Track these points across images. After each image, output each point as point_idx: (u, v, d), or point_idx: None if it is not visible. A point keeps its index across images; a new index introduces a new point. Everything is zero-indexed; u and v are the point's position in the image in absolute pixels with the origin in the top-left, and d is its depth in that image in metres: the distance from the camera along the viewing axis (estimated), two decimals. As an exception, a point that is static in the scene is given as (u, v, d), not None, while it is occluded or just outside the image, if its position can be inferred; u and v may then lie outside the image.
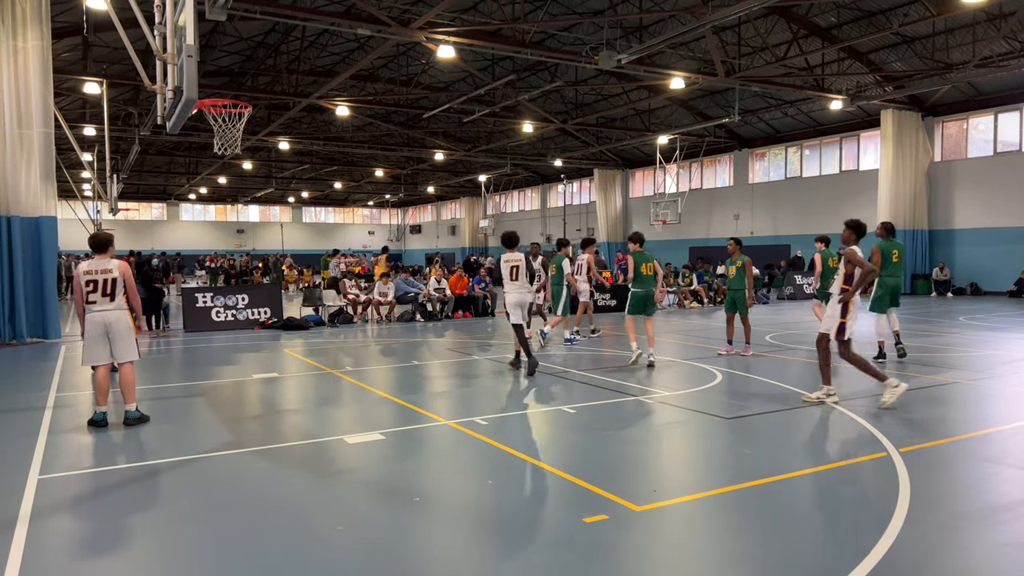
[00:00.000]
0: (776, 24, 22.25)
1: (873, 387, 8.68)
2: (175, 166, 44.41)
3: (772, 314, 19.01)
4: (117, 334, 6.94)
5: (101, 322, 6.89)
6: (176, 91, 6.75)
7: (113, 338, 6.93)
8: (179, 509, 4.80)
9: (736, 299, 11.47)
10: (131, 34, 9.04)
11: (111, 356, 6.97)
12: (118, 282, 6.95)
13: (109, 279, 6.91)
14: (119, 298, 6.96)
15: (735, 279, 11.41)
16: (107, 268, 6.92)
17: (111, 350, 6.95)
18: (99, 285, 6.88)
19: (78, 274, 6.86)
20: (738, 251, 11.55)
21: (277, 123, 29.45)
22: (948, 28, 21.44)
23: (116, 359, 7.00)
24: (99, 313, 6.90)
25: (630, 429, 6.85)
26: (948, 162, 26.12)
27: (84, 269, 6.87)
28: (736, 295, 11.44)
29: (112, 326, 6.91)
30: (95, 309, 6.89)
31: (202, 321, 15.84)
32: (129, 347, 7.05)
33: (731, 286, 11.44)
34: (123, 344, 6.99)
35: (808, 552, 4.00)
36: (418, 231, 64.68)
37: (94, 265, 6.91)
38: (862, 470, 5.45)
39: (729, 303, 11.58)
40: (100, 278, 6.89)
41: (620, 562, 3.89)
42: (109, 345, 6.93)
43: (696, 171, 36.36)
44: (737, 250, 11.55)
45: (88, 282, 6.86)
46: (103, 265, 6.93)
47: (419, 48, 24.78)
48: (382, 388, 9.03)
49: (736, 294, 11.43)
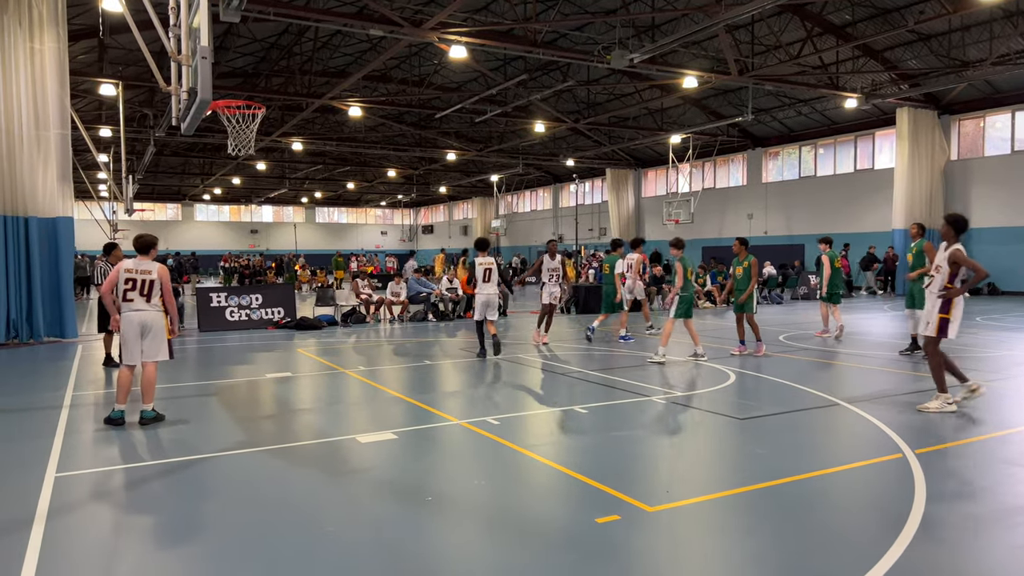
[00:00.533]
0: (790, 22, 22.11)
1: (889, 388, 8.61)
2: (190, 167, 44.76)
3: (785, 314, 18.89)
4: (151, 334, 7.06)
5: (137, 322, 7.01)
6: (191, 92, 6.80)
7: (146, 337, 7.04)
8: (193, 507, 4.84)
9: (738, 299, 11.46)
10: (146, 36, 9.13)
11: (141, 355, 7.09)
12: (156, 284, 7.10)
13: (148, 280, 7.07)
14: (155, 299, 7.12)
15: (742, 280, 11.36)
16: (147, 269, 7.09)
17: (142, 349, 7.05)
18: (138, 284, 7.03)
19: (118, 270, 7.01)
20: (744, 251, 11.51)
21: (290, 124, 29.61)
22: (964, 25, 21.22)
23: (145, 358, 7.08)
24: (135, 313, 7.02)
25: (642, 429, 6.83)
26: (965, 161, 25.85)
27: (126, 267, 7.04)
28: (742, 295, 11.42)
29: (147, 325, 7.04)
30: (131, 308, 7.01)
31: (216, 321, 15.94)
32: (160, 347, 7.18)
33: (738, 287, 11.40)
34: (155, 344, 7.12)
35: (822, 554, 3.97)
36: (430, 231, 64.82)
37: (135, 264, 7.07)
38: (877, 471, 5.41)
39: (736, 304, 11.53)
40: (139, 278, 7.04)
41: (632, 563, 3.88)
42: (141, 344, 7.04)
43: (709, 170, 36.20)
44: (743, 250, 11.50)
45: (128, 280, 7.00)
46: (144, 266, 7.09)
47: (431, 48, 24.83)
48: (394, 388, 9.06)
49: (742, 295, 11.40)
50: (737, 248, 11.58)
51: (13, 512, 4.68)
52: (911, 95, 24.40)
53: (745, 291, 11.30)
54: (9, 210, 13.54)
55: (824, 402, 7.73)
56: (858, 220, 28.91)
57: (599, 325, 13.42)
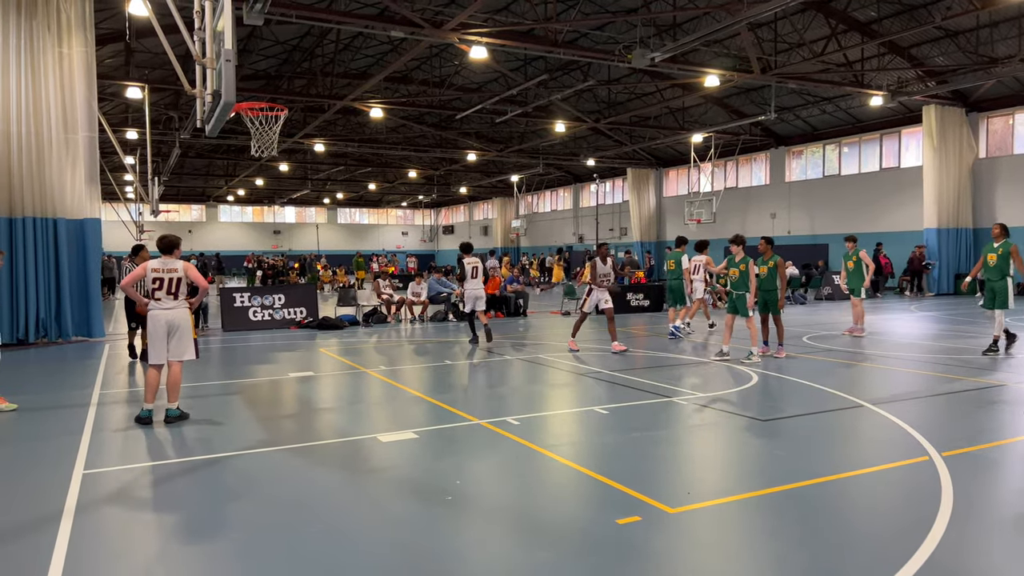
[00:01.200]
0: (814, 19, 21.85)
1: (915, 390, 8.48)
2: (214, 168, 45.29)
3: (809, 315, 18.68)
4: (178, 333, 7.16)
5: (164, 321, 7.11)
6: (215, 95, 6.89)
7: (173, 336, 7.14)
8: (216, 505, 4.89)
9: (768, 300, 11.20)
10: (172, 39, 9.26)
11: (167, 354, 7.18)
12: (183, 281, 7.24)
13: (175, 278, 7.20)
14: (182, 297, 7.25)
15: (767, 279, 11.16)
16: (173, 267, 7.22)
17: (168, 348, 7.14)
18: (165, 283, 7.15)
19: (145, 269, 7.13)
20: (770, 250, 11.36)
21: (312, 125, 29.85)
22: (993, 21, 20.84)
23: (172, 357, 7.17)
24: (162, 312, 7.11)
25: (664, 430, 6.79)
26: (993, 159, 25.38)
27: (152, 267, 7.15)
28: (768, 296, 11.17)
29: (173, 325, 7.14)
30: (159, 307, 7.12)
31: (240, 321, 16.11)
32: (188, 346, 7.28)
33: (763, 286, 11.15)
34: (183, 343, 7.22)
35: (846, 558, 3.92)
36: (451, 231, 64.99)
37: (162, 264, 7.18)
38: (903, 474, 5.33)
39: (761, 304, 11.25)
40: (166, 276, 7.17)
41: (653, 564, 3.86)
42: (167, 344, 7.13)
43: (731, 170, 35.91)
44: (769, 249, 11.35)
45: (155, 279, 7.13)
46: (170, 264, 7.22)
47: (452, 49, 24.88)
48: (415, 387, 9.09)
49: (768, 295, 11.16)
50: (763, 247, 11.41)
51: (42, 508, 4.77)
52: (938, 92, 24.00)
53: (771, 290, 11.14)
54: (38, 212, 13.79)
55: (848, 403, 7.64)
56: (884, 219, 28.50)
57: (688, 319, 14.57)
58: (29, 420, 7.42)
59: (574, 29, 22.12)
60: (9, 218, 13.59)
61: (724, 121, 29.73)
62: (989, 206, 25.43)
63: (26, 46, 13.43)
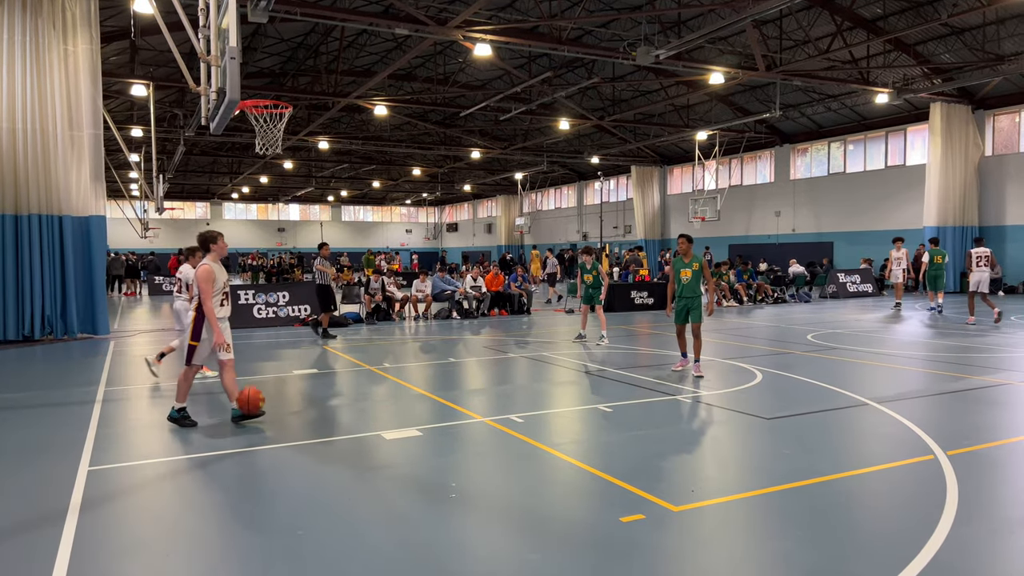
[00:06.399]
0: (819, 16, 21.77)
1: (919, 388, 8.46)
2: (218, 166, 45.36)
3: (814, 312, 18.64)
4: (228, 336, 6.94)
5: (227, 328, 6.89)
6: (219, 92, 6.89)
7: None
8: (221, 502, 4.91)
9: (691, 307, 9.39)
10: (176, 37, 9.28)
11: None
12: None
13: (230, 288, 6.97)
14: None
15: (690, 284, 9.41)
16: (227, 278, 6.90)
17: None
18: (228, 295, 6.89)
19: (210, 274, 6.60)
20: (691, 250, 9.66)
21: (317, 123, 29.86)
22: (999, 18, 20.74)
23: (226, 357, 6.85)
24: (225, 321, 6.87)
25: (668, 428, 6.78)
26: (1000, 156, 25.27)
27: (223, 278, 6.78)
28: (691, 303, 9.40)
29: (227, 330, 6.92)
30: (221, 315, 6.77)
31: (244, 318, 16.14)
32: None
33: (684, 293, 9.41)
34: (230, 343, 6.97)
35: (851, 556, 3.91)
36: (455, 229, 64.98)
37: (221, 273, 6.76)
38: (908, 473, 5.31)
39: (681, 313, 9.45)
40: (227, 289, 6.85)
41: (657, 562, 3.85)
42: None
43: (736, 167, 35.82)
44: (690, 249, 9.64)
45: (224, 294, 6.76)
46: (225, 274, 6.86)
47: (456, 47, 24.87)
48: (419, 385, 9.10)
49: (691, 302, 9.39)
50: (685, 247, 9.58)
51: (48, 504, 4.79)
52: (944, 90, 23.89)
53: (694, 296, 9.40)
54: (44, 209, 13.83)
55: (853, 402, 7.62)
56: (890, 217, 28.41)
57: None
58: (35, 416, 7.45)
59: (578, 26, 22.07)
60: (15, 215, 13.64)
61: (729, 119, 29.65)
62: (996, 204, 25.33)
63: (31, 43, 13.47)
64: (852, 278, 24.44)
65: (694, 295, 9.42)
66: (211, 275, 6.62)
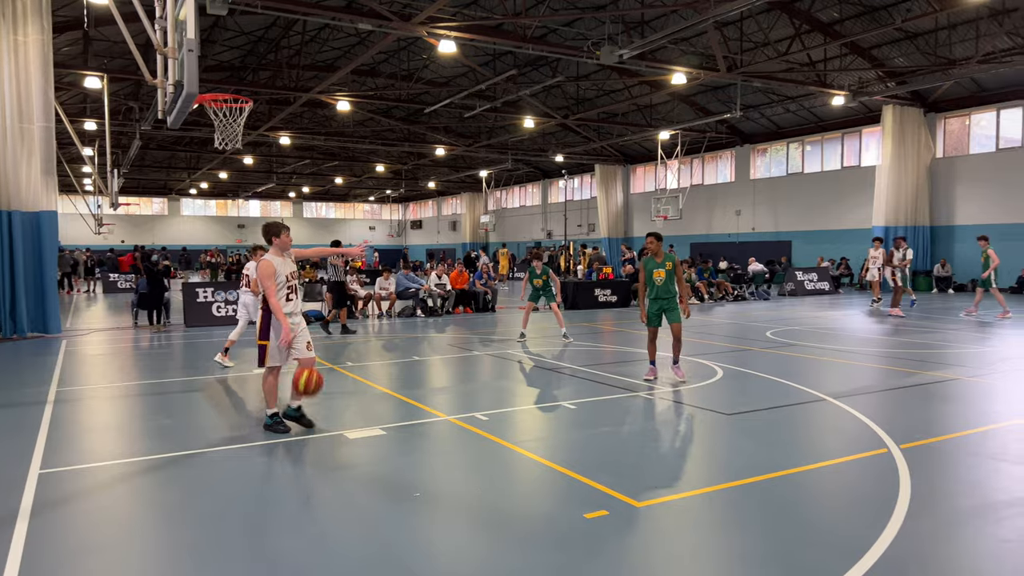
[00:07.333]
0: (778, 19, 22.18)
1: (874, 384, 8.68)
2: (176, 161, 44.41)
3: (773, 310, 18.99)
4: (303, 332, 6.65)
5: (298, 323, 6.61)
6: (177, 85, 6.74)
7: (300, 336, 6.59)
8: (178, 503, 4.80)
9: (665, 308, 8.84)
10: (132, 28, 9.04)
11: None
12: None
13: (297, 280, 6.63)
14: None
15: (664, 284, 8.80)
16: (294, 270, 6.54)
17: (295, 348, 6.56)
18: (295, 289, 6.56)
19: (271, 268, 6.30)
20: (661, 249, 8.92)
21: (278, 118, 29.42)
22: (951, 23, 21.37)
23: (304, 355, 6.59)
24: (298, 315, 6.59)
25: (631, 425, 6.85)
26: (950, 158, 26.06)
27: (288, 271, 6.44)
28: (665, 304, 8.83)
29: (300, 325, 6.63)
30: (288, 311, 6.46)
31: (203, 316, 15.83)
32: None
33: (659, 294, 8.80)
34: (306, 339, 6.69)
35: (809, 549, 4.00)
36: (419, 226, 64.66)
37: (284, 266, 6.43)
38: (863, 467, 5.45)
39: (655, 314, 8.90)
40: (294, 283, 6.52)
41: (621, 558, 3.89)
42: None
43: (697, 167, 36.31)
44: (660, 248, 8.90)
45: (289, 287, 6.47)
46: (292, 265, 6.53)
47: (420, 43, 24.73)
48: (383, 383, 9.03)
49: (666, 303, 8.83)
50: (656, 246, 8.85)
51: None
52: (897, 93, 24.55)
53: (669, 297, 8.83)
54: (-8, 204, 13.39)
55: (810, 397, 7.79)
56: (846, 217, 29.10)
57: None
58: (-18, 418, 7.20)
59: (543, 25, 22.14)
60: (-39, 210, 13.17)
61: (691, 119, 30.04)
62: (946, 205, 26.12)
63: (-22, 33, 13.01)
64: (810, 276, 24.97)
65: (669, 296, 8.83)
66: (272, 270, 6.31)
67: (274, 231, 6.54)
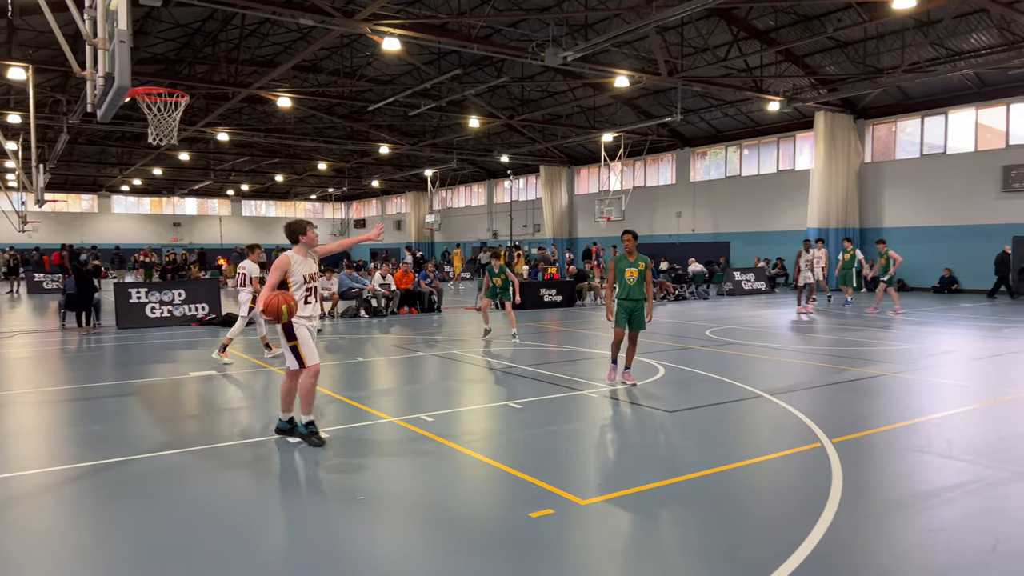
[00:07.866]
0: (717, 26, 22.72)
1: (808, 380, 8.98)
2: (107, 156, 42.69)
3: (711, 309, 19.46)
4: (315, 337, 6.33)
5: (314, 328, 6.29)
6: (107, 78, 6.48)
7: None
8: (112, 511, 4.62)
9: (634, 311, 8.52)
10: (59, 17, 8.64)
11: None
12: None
13: (318, 283, 6.31)
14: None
15: (637, 286, 8.46)
16: (316, 271, 6.24)
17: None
18: (314, 291, 6.23)
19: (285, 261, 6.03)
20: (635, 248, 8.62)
21: (216, 114, 28.61)
22: (879, 33, 22.28)
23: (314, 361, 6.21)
24: (316, 320, 6.31)
25: (575, 423, 6.91)
26: (878, 163, 27.18)
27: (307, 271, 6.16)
28: (636, 306, 8.51)
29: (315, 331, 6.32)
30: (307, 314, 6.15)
31: (136, 317, 15.28)
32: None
33: (632, 295, 8.46)
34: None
35: (748, 542, 4.11)
36: (362, 225, 63.80)
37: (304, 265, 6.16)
38: (798, 461, 5.64)
39: (623, 318, 8.52)
40: (314, 284, 6.22)
41: (566, 556, 3.92)
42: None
43: (640, 169, 36.90)
44: (635, 247, 8.62)
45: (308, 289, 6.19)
46: (314, 266, 6.21)
47: (363, 40, 24.41)
48: (326, 386, 8.88)
49: (637, 305, 8.51)
50: (631, 245, 8.57)
51: (-90, 523, 4.37)
52: (829, 100, 25.46)
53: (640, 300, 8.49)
54: (-96, 199, 12.63)
55: (748, 394, 8.01)
56: (780, 219, 30.02)
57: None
58: None
59: (488, 25, 22.13)
60: None
61: (633, 121, 30.51)
62: (875, 207, 27.22)
63: None
64: (747, 276, 25.66)
65: (641, 298, 8.48)
66: (286, 262, 6.01)
67: (299, 228, 6.26)
